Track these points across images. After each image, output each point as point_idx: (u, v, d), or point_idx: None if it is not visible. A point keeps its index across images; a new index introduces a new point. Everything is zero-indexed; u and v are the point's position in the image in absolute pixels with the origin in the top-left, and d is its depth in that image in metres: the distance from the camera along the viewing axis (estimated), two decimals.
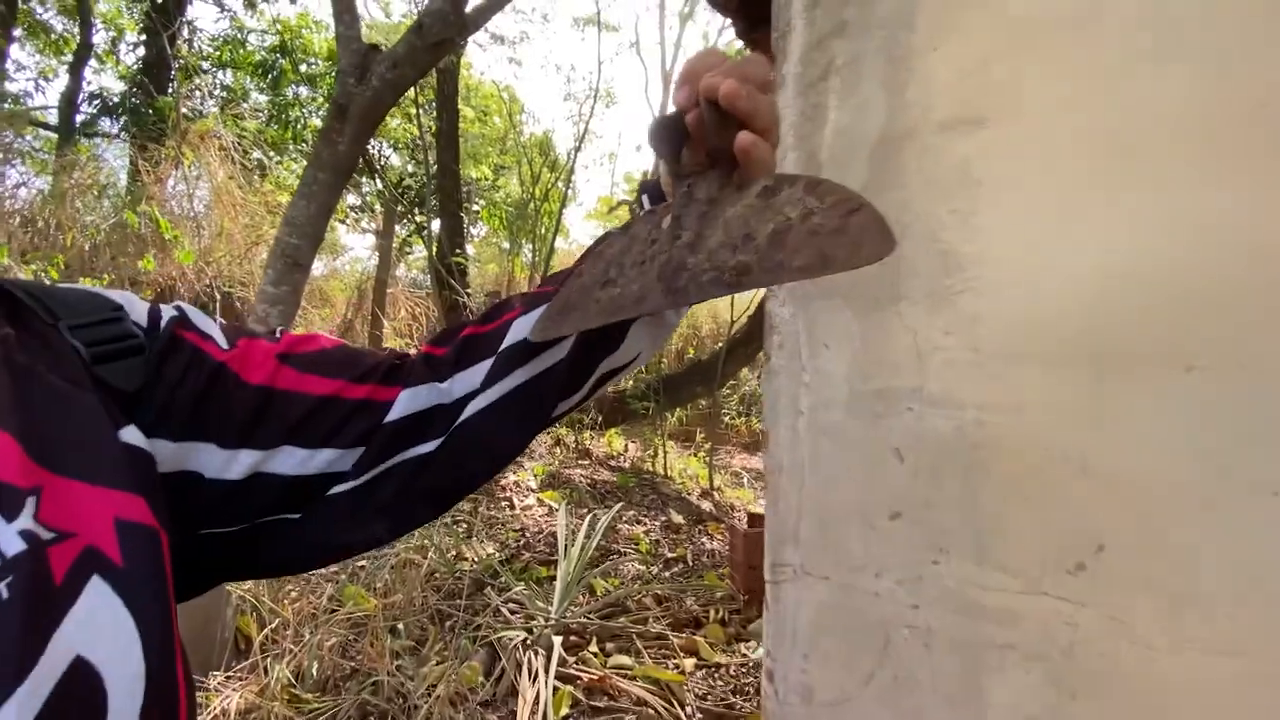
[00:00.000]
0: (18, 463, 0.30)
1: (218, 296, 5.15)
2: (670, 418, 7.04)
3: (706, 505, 5.12)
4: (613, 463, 6.15)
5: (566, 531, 2.90)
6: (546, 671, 2.05)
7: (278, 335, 0.48)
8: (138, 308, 0.43)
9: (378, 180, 8.82)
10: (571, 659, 2.19)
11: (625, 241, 0.45)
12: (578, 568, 2.59)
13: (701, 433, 7.48)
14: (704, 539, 4.17)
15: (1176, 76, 0.66)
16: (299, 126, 8.91)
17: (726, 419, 8.41)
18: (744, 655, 2.34)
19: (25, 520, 0.29)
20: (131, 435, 0.37)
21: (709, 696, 2.09)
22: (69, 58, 8.29)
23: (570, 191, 7.02)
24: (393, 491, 0.48)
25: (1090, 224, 0.69)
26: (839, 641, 0.86)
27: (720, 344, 6.96)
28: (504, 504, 4.35)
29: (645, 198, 0.57)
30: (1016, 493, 0.72)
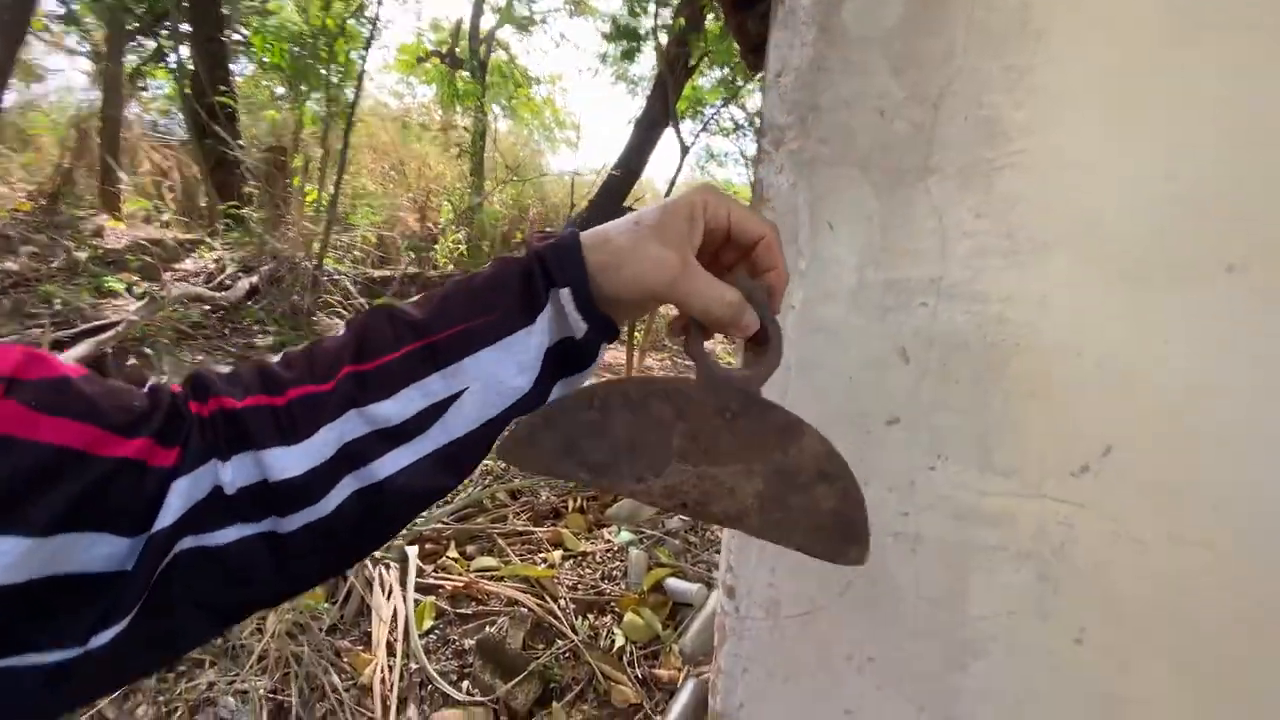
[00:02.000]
0: None
1: None
2: None
3: None
4: None
5: None
6: (403, 585, 1.85)
7: None
8: None
9: None
10: (429, 568, 2.01)
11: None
12: None
13: None
14: None
15: None
16: None
17: None
18: (607, 541, 2.35)
19: None
20: None
21: (579, 586, 2.08)
22: None
23: (374, 30, 5.81)
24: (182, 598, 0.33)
25: (1162, 105, 0.61)
26: None
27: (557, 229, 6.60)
28: None
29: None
30: (1029, 394, 0.68)
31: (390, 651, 1.64)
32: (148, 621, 0.32)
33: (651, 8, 5.16)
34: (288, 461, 0.34)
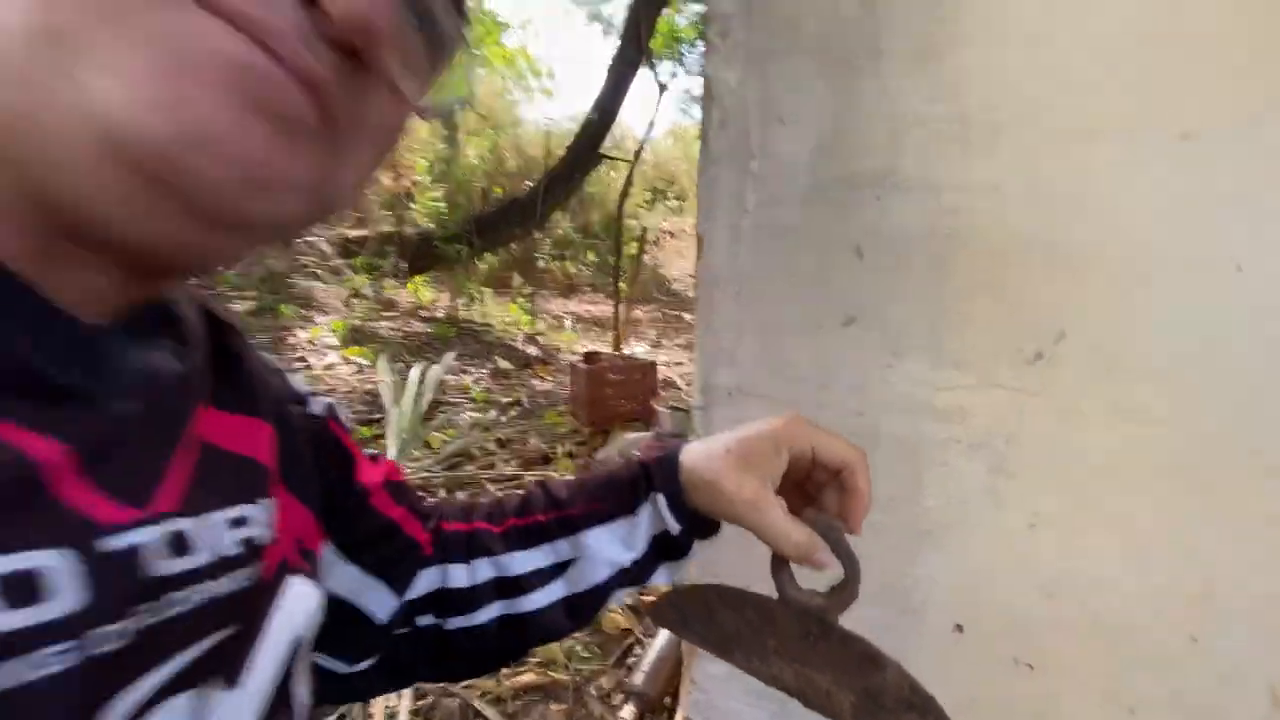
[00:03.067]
0: (269, 453, 0.35)
1: None
2: (481, 263, 6.58)
3: (532, 350, 5.01)
4: (423, 313, 5.68)
5: (390, 386, 2.60)
6: None
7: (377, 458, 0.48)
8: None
9: None
10: None
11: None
12: (411, 421, 2.35)
13: (518, 278, 7.16)
14: (535, 381, 4.11)
15: None
16: None
17: (541, 263, 8.15)
18: None
19: (267, 507, 0.33)
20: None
21: None
22: None
23: None
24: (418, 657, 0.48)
25: None
26: None
27: (535, 180, 6.46)
28: (298, 364, 3.79)
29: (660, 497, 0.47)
30: (982, 284, 0.67)
31: None
32: (383, 666, 0.46)
33: None
34: (460, 576, 0.47)
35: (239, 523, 0.32)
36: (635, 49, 4.77)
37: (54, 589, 0.22)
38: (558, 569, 0.47)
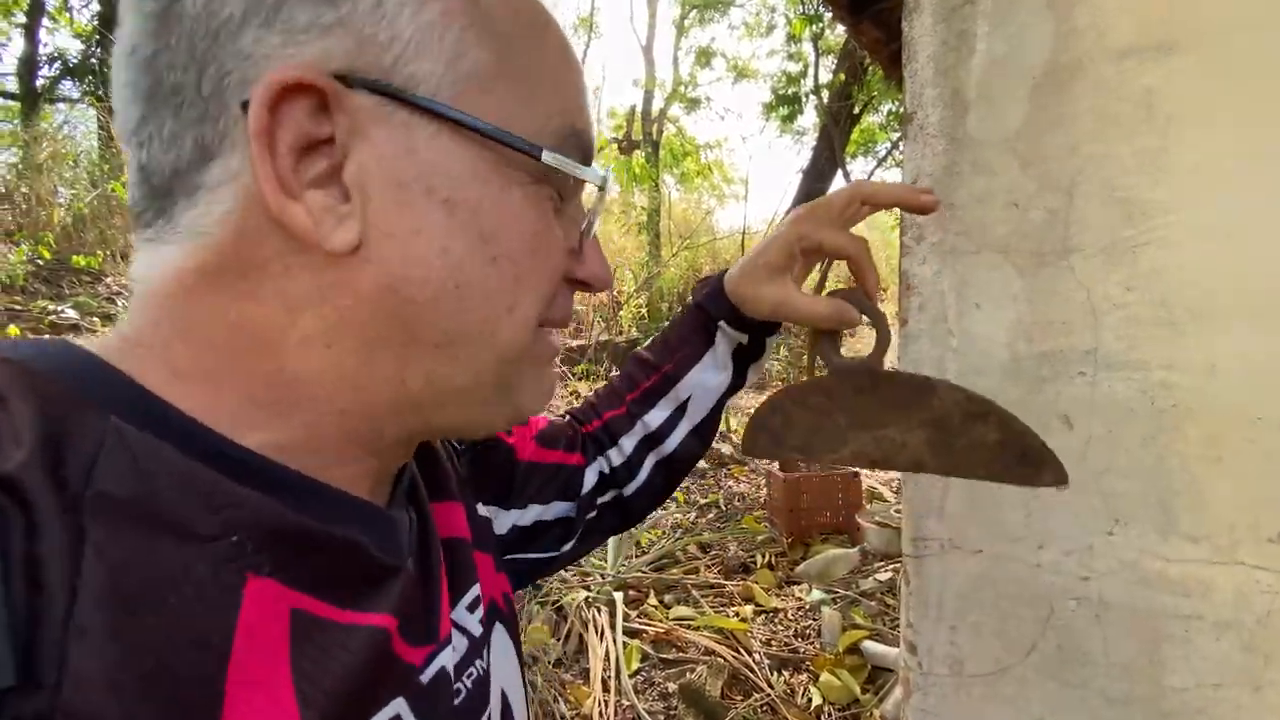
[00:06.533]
0: (466, 528, 0.44)
1: None
2: None
3: (726, 449, 5.13)
4: None
5: None
6: (612, 627, 2.07)
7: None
8: None
9: None
10: (633, 613, 2.22)
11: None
12: None
13: None
14: (730, 482, 4.21)
15: None
16: None
17: None
18: (798, 599, 2.38)
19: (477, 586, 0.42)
20: (482, 509, 0.49)
21: (772, 642, 2.13)
22: (21, 19, 7.64)
23: None
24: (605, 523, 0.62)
25: None
26: (991, 614, 0.83)
27: None
28: None
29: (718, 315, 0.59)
30: (1209, 459, 0.68)
31: (605, 688, 1.85)
32: (581, 540, 0.59)
33: (809, 69, 5.29)
34: (614, 457, 0.61)
35: (476, 603, 0.40)
36: (828, 161, 5.00)
37: None
38: (679, 411, 0.60)
